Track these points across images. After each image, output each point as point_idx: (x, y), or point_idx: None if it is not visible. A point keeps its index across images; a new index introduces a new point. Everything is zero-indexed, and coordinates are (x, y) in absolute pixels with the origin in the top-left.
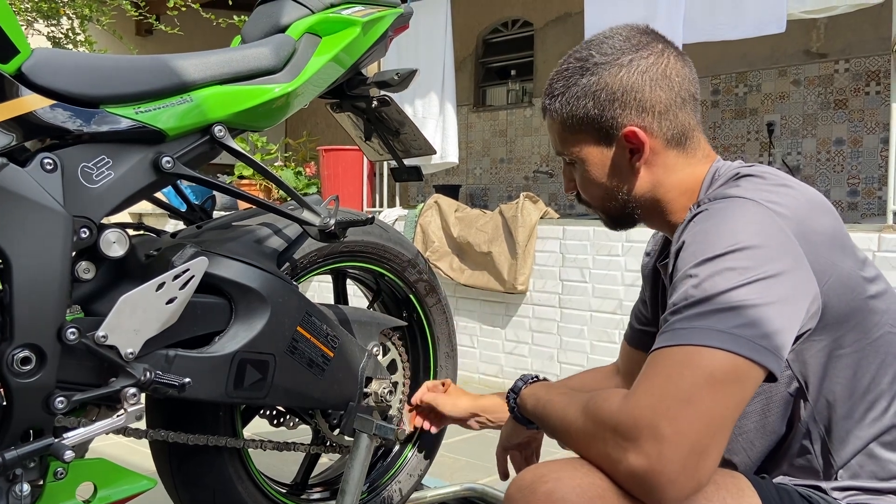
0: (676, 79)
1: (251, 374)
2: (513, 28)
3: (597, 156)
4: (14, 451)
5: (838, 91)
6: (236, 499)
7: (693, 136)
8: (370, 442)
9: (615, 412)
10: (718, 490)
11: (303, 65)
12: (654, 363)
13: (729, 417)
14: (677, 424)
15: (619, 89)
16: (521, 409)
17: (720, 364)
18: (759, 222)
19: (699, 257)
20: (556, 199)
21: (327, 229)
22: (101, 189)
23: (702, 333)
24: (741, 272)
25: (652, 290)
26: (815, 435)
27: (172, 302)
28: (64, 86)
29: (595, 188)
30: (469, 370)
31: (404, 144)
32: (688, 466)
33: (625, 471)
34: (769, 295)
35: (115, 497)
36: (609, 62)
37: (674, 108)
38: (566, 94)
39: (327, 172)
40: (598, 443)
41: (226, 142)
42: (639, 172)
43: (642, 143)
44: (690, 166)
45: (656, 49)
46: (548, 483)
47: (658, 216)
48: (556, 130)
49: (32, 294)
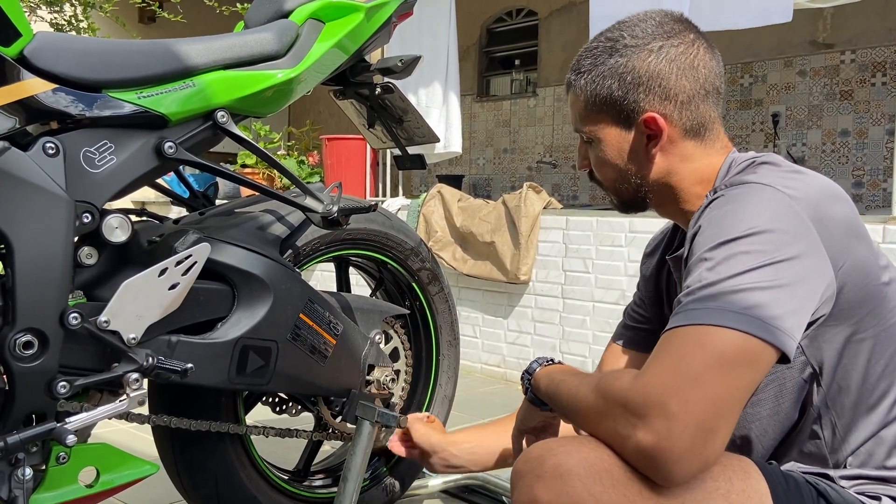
0: (703, 70)
1: (253, 360)
2: (517, 17)
3: (614, 137)
4: (16, 436)
5: (844, 82)
6: (238, 485)
7: (712, 128)
8: (372, 429)
9: (626, 389)
10: (725, 471)
11: (306, 50)
12: (666, 343)
13: (739, 398)
14: (686, 402)
15: (645, 74)
16: (535, 389)
17: (732, 344)
18: (776, 207)
19: (715, 241)
20: (559, 189)
21: (330, 216)
22: (103, 174)
23: (714, 314)
24: (756, 255)
25: (655, 286)
26: (827, 420)
27: (175, 288)
28: (66, 70)
29: (609, 169)
30: (471, 360)
31: (407, 132)
32: (695, 444)
33: (633, 447)
34: (783, 278)
35: (117, 482)
36: (639, 45)
37: (697, 99)
38: (593, 71)
39: (330, 161)
40: (608, 419)
41: (228, 127)
42: (654, 159)
43: (661, 130)
44: (707, 157)
45: (687, 39)
46: (556, 456)
47: (670, 203)
48: (578, 107)
49: (34, 279)
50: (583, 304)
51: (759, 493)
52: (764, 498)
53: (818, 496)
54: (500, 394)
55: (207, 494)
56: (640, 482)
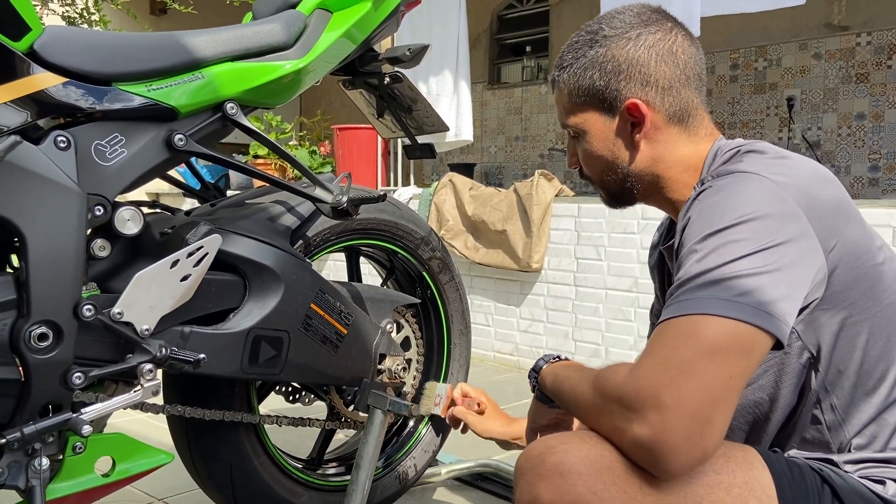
0: (682, 56)
1: (266, 350)
2: (528, 3)
3: (599, 127)
4: (33, 426)
5: (860, 65)
6: (253, 473)
7: (696, 114)
8: (384, 418)
9: (620, 384)
10: (728, 462)
11: (314, 41)
12: (658, 335)
13: (734, 387)
14: (679, 394)
15: (624, 61)
16: (542, 387)
17: (724, 332)
18: (763, 195)
19: (704, 231)
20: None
21: (340, 206)
22: (114, 167)
23: (704, 303)
24: (745, 243)
25: (660, 278)
26: (826, 404)
27: (187, 279)
28: (76, 63)
29: (596, 161)
30: (484, 348)
31: (417, 121)
32: (691, 436)
33: (630, 441)
34: (773, 263)
35: (133, 471)
36: (618, 35)
37: (677, 85)
38: (574, 64)
39: (342, 151)
40: (606, 415)
41: (238, 119)
42: (639, 146)
43: (643, 116)
44: (692, 144)
45: (665, 27)
46: (557, 454)
47: (658, 193)
48: (563, 102)
49: (48, 271)
50: (595, 291)
51: (762, 485)
52: (767, 489)
53: (822, 483)
54: (512, 382)
55: (222, 483)
56: (641, 478)
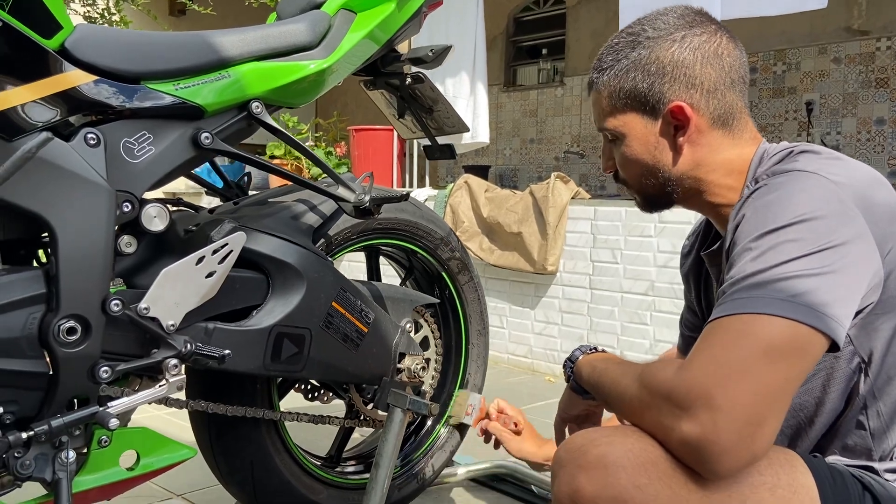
0: (727, 59)
1: (288, 347)
2: (544, 6)
3: (640, 130)
4: (60, 419)
5: (879, 69)
6: (273, 469)
7: (740, 118)
8: (403, 416)
9: (669, 380)
10: (771, 465)
11: (338, 41)
12: (711, 333)
13: (788, 389)
14: (733, 394)
15: (669, 63)
16: (577, 377)
17: (779, 332)
18: (821, 194)
19: (759, 230)
20: (587, 179)
21: (362, 205)
22: (142, 164)
23: (761, 302)
24: (802, 243)
25: (696, 286)
26: (873, 410)
27: (211, 276)
28: (106, 62)
29: (635, 165)
30: (498, 350)
31: (437, 122)
32: (743, 437)
33: (677, 439)
34: (831, 265)
35: (156, 465)
36: (662, 37)
37: (722, 87)
38: (615, 66)
39: (358, 152)
40: (652, 411)
41: (263, 118)
42: (682, 150)
43: (688, 119)
44: (736, 147)
45: (709, 28)
46: (600, 447)
47: (698, 197)
48: (602, 104)
49: (77, 266)
50: (611, 294)
51: (805, 488)
52: (811, 492)
53: (863, 490)
54: (526, 384)
55: (243, 479)
56: (685, 474)
